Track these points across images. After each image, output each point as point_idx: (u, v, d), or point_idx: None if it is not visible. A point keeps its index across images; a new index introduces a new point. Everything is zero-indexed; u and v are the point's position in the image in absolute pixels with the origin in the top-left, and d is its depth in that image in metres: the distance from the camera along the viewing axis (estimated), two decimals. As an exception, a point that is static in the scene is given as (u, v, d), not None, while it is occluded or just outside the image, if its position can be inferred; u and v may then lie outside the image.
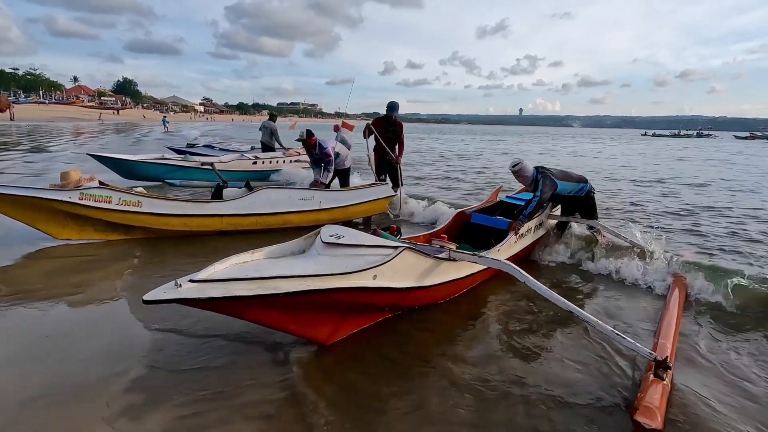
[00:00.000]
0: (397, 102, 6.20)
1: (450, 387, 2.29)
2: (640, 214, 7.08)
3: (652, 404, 1.98)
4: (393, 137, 6.21)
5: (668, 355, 2.33)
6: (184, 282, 1.97)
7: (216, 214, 4.93)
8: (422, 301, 3.09)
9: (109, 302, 3.17)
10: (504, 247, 3.75)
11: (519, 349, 2.73)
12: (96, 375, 2.26)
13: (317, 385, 2.26)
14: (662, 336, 2.68)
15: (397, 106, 6.21)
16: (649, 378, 2.19)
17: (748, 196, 9.66)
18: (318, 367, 2.43)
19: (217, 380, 2.25)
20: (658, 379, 2.17)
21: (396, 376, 2.38)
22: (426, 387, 2.29)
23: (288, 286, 2.14)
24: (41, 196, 4.22)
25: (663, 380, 2.17)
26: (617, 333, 2.36)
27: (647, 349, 2.32)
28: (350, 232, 2.78)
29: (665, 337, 2.65)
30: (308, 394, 2.18)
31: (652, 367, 2.26)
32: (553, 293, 2.57)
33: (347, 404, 2.12)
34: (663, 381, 2.17)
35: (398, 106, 6.23)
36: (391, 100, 6.23)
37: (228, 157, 9.96)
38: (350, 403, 2.13)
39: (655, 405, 1.98)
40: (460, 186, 10.29)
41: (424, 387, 2.29)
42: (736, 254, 4.95)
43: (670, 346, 2.57)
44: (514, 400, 2.20)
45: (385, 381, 2.32)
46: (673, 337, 2.72)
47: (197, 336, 2.69)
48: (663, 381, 2.17)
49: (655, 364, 2.25)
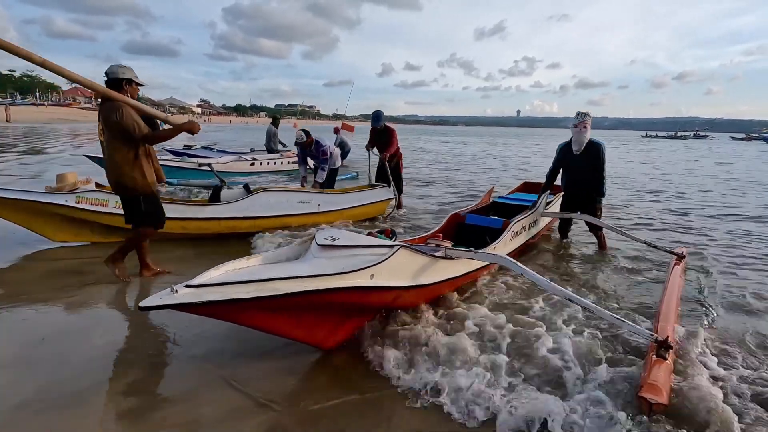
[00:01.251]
0: (380, 111, 6.48)
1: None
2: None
3: (657, 382, 2.02)
4: (386, 145, 6.42)
5: (669, 334, 2.38)
6: (180, 288, 1.96)
7: (214, 218, 4.92)
8: (419, 299, 3.10)
9: (105, 306, 3.16)
10: (500, 244, 3.80)
11: (518, 336, 2.72)
12: (92, 379, 2.25)
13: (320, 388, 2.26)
14: (663, 317, 2.74)
15: (380, 115, 6.45)
16: (652, 358, 2.23)
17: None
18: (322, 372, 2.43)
19: (215, 384, 2.25)
20: (661, 359, 2.21)
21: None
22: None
23: (286, 287, 2.13)
24: (37, 200, 4.21)
25: (665, 359, 2.21)
26: (617, 317, 2.41)
27: (648, 330, 2.36)
28: (345, 233, 2.79)
29: (666, 318, 2.71)
30: (309, 394, 2.18)
31: (654, 348, 2.30)
32: (550, 283, 2.60)
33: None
34: (666, 360, 2.21)
35: (382, 114, 6.47)
36: (375, 111, 6.51)
37: (225, 159, 10.00)
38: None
39: (659, 382, 2.02)
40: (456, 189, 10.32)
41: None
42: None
43: (671, 326, 2.63)
44: (512, 387, 2.21)
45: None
46: (674, 317, 2.79)
47: (193, 341, 2.68)
48: (666, 360, 2.21)
49: (657, 345, 2.29)
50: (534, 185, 6.24)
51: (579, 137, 4.34)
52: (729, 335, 2.89)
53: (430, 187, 10.02)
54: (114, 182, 3.39)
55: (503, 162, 18.35)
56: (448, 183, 10.77)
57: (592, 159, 4.30)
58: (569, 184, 4.63)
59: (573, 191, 4.62)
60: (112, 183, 3.42)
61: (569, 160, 4.51)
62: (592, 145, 4.33)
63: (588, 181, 4.39)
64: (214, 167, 8.10)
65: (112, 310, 3.10)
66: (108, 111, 3.19)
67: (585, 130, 4.29)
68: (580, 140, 4.34)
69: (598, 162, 4.27)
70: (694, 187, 11.18)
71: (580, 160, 4.39)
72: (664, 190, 10.44)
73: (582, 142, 4.34)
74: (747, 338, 2.87)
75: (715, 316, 3.21)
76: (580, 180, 4.47)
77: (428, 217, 6.51)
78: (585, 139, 4.32)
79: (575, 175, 4.50)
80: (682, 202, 8.65)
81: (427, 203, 7.85)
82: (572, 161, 4.47)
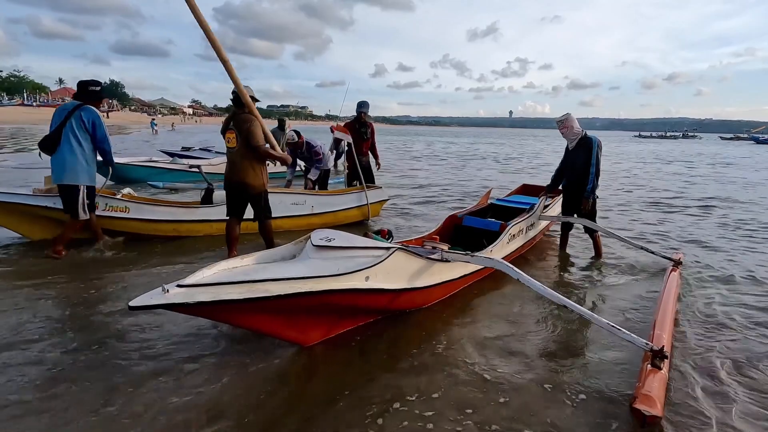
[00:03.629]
0: (367, 101, 6.11)
1: (443, 383, 2.25)
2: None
3: (651, 392, 1.99)
4: (365, 138, 6.05)
5: (664, 344, 2.35)
6: (172, 287, 1.92)
7: (206, 220, 4.86)
8: (415, 302, 3.07)
9: (92, 305, 3.07)
10: (497, 247, 3.77)
11: (512, 343, 2.71)
12: (80, 382, 2.18)
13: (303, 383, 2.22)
14: (658, 325, 2.70)
15: (367, 104, 6.09)
16: (646, 368, 2.19)
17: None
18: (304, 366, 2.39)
19: (208, 381, 2.20)
20: (656, 369, 2.17)
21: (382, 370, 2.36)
22: (414, 384, 2.25)
23: (278, 288, 2.09)
24: (25, 202, 4.14)
25: (660, 369, 2.18)
26: (612, 325, 2.37)
27: (643, 339, 2.33)
28: (341, 234, 2.75)
29: (661, 326, 2.67)
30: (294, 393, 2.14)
31: (649, 357, 2.27)
32: (547, 289, 2.58)
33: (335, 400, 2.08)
34: (660, 370, 2.18)
35: (368, 104, 6.10)
36: (361, 100, 6.17)
37: (218, 160, 9.89)
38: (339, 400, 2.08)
39: (654, 393, 1.98)
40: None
41: (410, 385, 2.25)
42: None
43: (667, 335, 2.59)
44: (508, 394, 2.19)
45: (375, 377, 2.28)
46: (670, 326, 2.75)
47: (183, 339, 2.62)
48: (660, 370, 2.18)
49: (652, 354, 2.26)
50: (533, 188, 6.21)
51: (567, 136, 4.50)
52: (727, 346, 2.76)
53: (426, 188, 10.03)
54: (238, 182, 3.81)
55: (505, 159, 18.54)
56: (445, 182, 10.79)
57: (585, 152, 4.37)
58: (566, 182, 4.67)
59: (567, 188, 4.66)
60: (234, 182, 3.83)
61: (566, 156, 4.61)
62: (585, 140, 4.41)
63: (579, 177, 4.43)
64: (206, 168, 8.00)
65: (100, 309, 3.01)
66: (243, 122, 3.68)
67: (568, 129, 4.42)
68: (569, 138, 4.49)
69: (589, 155, 4.33)
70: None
71: (574, 155, 4.48)
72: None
73: (572, 139, 4.47)
74: (746, 349, 2.73)
75: (712, 324, 3.08)
76: (573, 175, 4.53)
77: (422, 214, 6.49)
78: (573, 135, 4.43)
79: (570, 171, 4.57)
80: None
81: (425, 203, 7.86)
82: (568, 157, 4.57)
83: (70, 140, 3.88)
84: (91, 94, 4.04)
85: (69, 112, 3.89)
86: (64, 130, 3.87)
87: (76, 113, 3.89)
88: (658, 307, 3.02)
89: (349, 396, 2.15)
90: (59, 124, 3.88)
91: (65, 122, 3.87)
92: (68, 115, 3.88)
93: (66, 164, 3.89)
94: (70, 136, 3.88)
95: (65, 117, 3.88)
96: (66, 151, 3.88)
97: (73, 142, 3.89)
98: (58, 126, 3.88)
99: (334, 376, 2.32)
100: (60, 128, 3.87)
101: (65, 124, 3.87)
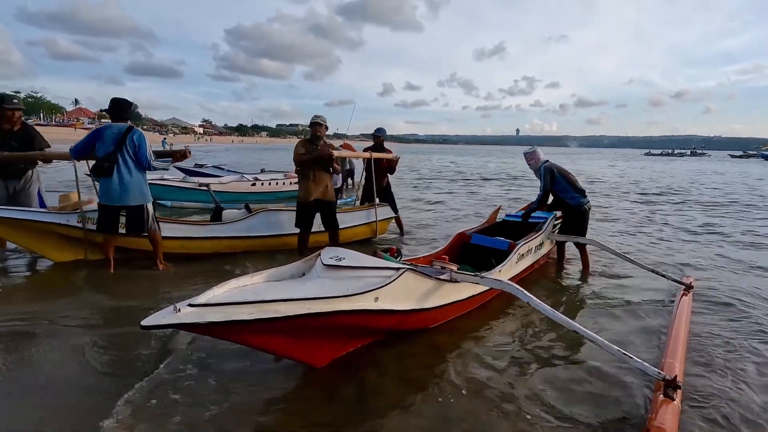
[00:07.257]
0: (383, 128, 6.44)
1: (448, 410, 2.22)
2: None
3: (664, 425, 1.92)
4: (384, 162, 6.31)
5: (677, 373, 2.27)
6: (183, 306, 1.93)
7: (215, 237, 4.90)
8: (423, 323, 3.04)
9: (104, 325, 3.11)
10: (505, 267, 3.72)
11: (522, 370, 2.67)
12: (94, 398, 2.19)
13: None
14: (670, 353, 2.62)
15: (383, 130, 6.42)
16: (658, 398, 2.13)
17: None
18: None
19: (217, 400, 2.19)
20: (668, 399, 2.11)
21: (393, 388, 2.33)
22: (421, 404, 2.23)
23: (288, 309, 2.09)
24: (40, 219, 4.21)
25: (673, 400, 2.11)
26: (624, 353, 2.28)
27: (655, 368, 2.25)
28: (351, 254, 2.76)
29: (673, 354, 2.59)
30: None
31: (661, 386, 2.20)
32: (557, 313, 2.52)
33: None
34: (673, 401, 2.11)
35: (385, 130, 6.43)
36: (378, 127, 6.49)
37: (228, 179, 9.97)
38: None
39: (667, 426, 1.92)
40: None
41: (421, 402, 2.23)
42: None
43: (679, 363, 2.51)
44: (516, 423, 2.14)
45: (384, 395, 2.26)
46: (682, 354, 2.67)
47: (195, 360, 2.62)
48: (673, 401, 2.11)
49: (664, 384, 2.18)
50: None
51: (532, 168, 4.85)
52: (742, 373, 2.67)
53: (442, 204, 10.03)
54: (321, 198, 4.80)
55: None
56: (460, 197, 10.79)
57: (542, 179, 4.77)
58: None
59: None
60: (316, 198, 4.77)
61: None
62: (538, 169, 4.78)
63: (555, 201, 4.85)
64: (216, 187, 8.07)
65: (112, 329, 3.02)
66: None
67: (532, 163, 4.82)
68: (533, 169, 4.85)
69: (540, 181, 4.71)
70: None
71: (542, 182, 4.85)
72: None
73: (535, 169, 4.82)
74: (765, 380, 2.62)
75: (727, 352, 2.97)
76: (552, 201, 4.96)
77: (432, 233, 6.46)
78: (535, 167, 4.79)
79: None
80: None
81: (436, 217, 7.85)
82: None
83: (128, 163, 4.02)
84: (129, 113, 4.22)
85: (123, 136, 3.99)
86: (120, 154, 3.98)
87: (129, 136, 4.00)
88: (670, 334, 2.94)
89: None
90: (114, 149, 3.98)
91: (121, 146, 3.98)
92: (122, 139, 3.98)
93: (129, 187, 4.04)
94: (127, 159, 4.01)
95: (119, 141, 3.97)
96: (125, 173, 4.02)
97: (131, 164, 4.04)
98: (114, 150, 3.98)
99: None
100: (115, 153, 3.97)
101: (121, 148, 3.99)
